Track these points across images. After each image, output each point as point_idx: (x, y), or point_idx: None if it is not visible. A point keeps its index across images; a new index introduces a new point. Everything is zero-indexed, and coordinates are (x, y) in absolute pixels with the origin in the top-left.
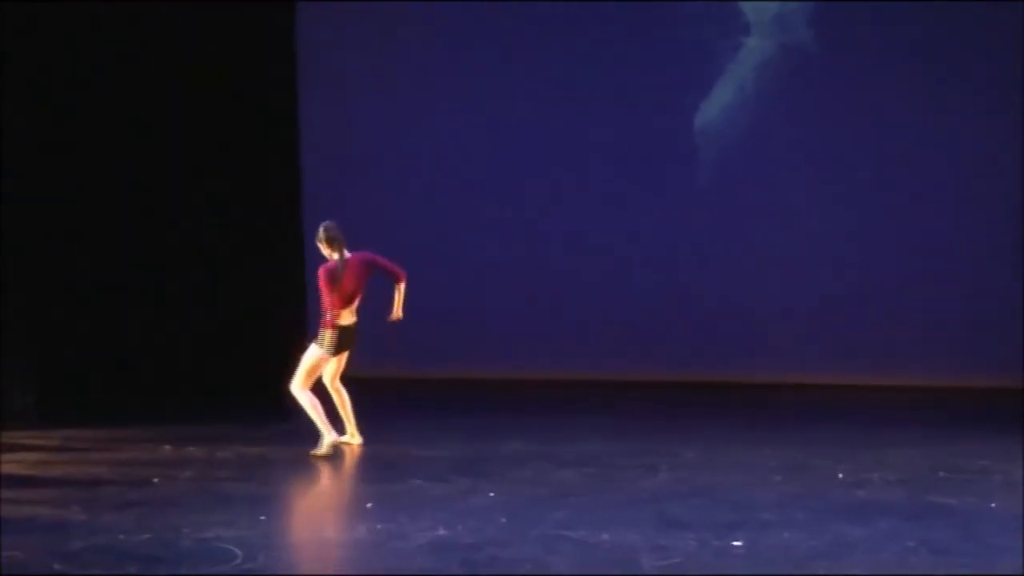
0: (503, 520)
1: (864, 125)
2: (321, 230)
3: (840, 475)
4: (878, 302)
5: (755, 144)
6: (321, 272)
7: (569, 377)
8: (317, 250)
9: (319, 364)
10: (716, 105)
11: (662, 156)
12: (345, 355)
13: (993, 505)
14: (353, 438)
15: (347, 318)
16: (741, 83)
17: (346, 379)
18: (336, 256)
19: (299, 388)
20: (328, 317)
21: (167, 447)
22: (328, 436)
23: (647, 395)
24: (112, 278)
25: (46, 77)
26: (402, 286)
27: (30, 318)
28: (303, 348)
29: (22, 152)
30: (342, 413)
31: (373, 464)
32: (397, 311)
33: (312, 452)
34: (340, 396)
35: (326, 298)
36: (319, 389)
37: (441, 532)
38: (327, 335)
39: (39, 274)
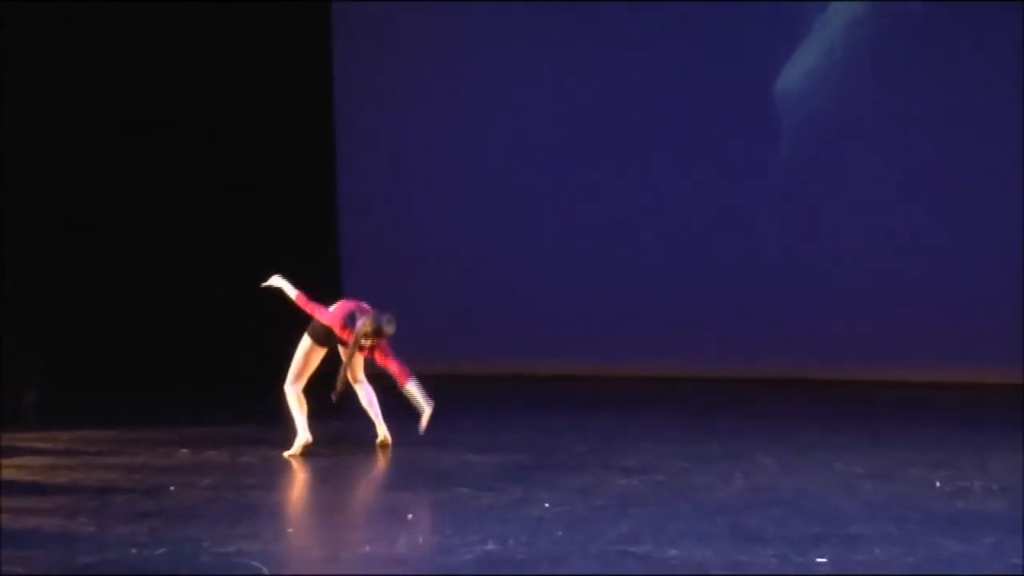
0: (559, 533)
1: (968, 92)
2: (389, 325)
3: (937, 483)
4: (968, 292)
5: (843, 113)
6: (342, 319)
7: (628, 372)
8: (352, 248)
9: (310, 355)
10: (800, 70)
11: (739, 127)
12: (357, 357)
13: None
14: (383, 438)
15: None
16: (829, 46)
17: (380, 375)
18: (362, 332)
19: (288, 385)
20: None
21: (184, 451)
22: (302, 436)
23: (716, 392)
24: (125, 267)
25: (75, 72)
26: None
27: (34, 312)
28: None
29: (38, 147)
30: (368, 412)
31: (414, 470)
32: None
33: (285, 452)
34: (365, 393)
35: (325, 316)
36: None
37: (490, 547)
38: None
39: (43, 266)
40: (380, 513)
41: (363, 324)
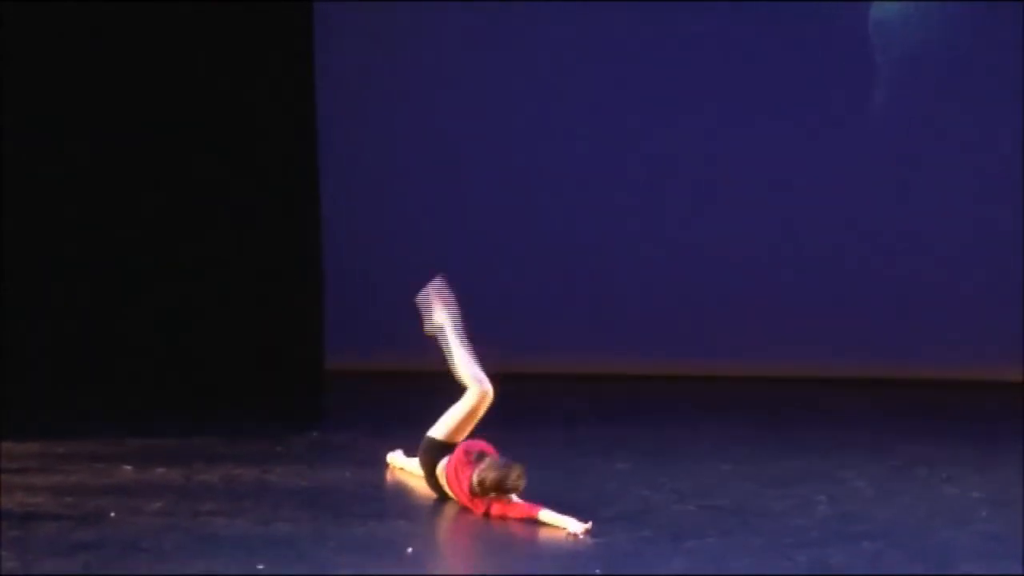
0: (596, 571)
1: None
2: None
3: None
4: None
5: (950, 51)
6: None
7: (676, 370)
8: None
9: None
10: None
11: (819, 68)
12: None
13: None
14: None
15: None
16: None
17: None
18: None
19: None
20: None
21: (128, 468)
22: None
23: (790, 395)
24: (57, 250)
25: (52, 66)
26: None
27: None
28: (314, 337)
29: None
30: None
31: (415, 493)
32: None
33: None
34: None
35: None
36: None
37: None
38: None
39: None
40: (372, 547)
41: (484, 470)
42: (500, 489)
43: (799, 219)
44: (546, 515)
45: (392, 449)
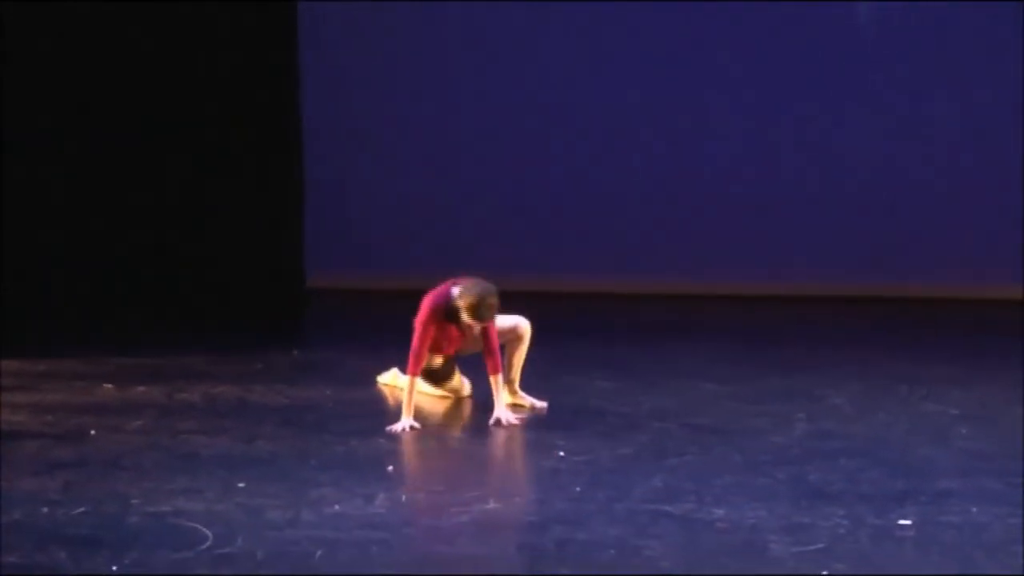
0: (577, 489)
1: None
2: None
3: None
4: None
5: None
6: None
7: (660, 289)
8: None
9: None
10: None
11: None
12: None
13: None
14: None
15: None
16: None
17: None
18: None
19: None
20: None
21: (109, 386)
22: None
23: (772, 314)
24: (36, 155)
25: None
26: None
27: None
28: (294, 255)
29: None
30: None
31: (396, 411)
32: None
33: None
34: None
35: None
36: None
37: (491, 505)
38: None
39: None
40: (353, 465)
41: (461, 294)
42: (476, 315)
43: (787, 140)
44: (494, 381)
45: (378, 369)
